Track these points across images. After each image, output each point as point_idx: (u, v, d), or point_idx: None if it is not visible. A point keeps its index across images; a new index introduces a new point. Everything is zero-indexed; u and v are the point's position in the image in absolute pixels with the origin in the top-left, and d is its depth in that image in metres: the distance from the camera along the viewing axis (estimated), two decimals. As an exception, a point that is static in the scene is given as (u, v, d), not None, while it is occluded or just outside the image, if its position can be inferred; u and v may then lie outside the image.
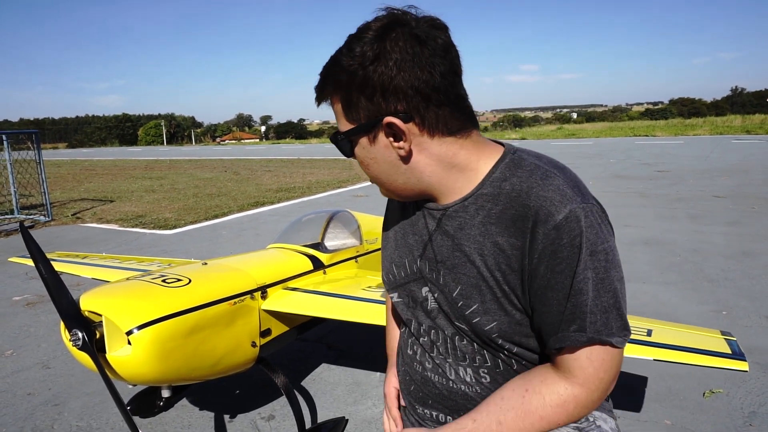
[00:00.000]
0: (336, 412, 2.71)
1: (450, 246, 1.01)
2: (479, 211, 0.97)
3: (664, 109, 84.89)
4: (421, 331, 1.11)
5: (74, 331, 1.78)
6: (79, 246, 7.09)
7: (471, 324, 1.00)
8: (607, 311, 0.90)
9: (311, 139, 59.08)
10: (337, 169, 16.91)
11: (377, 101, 0.91)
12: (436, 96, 0.91)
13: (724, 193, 8.95)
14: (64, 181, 16.94)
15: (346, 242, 3.07)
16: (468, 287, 0.98)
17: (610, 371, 0.94)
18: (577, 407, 0.95)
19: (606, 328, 0.90)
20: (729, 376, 2.86)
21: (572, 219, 0.88)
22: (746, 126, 29.94)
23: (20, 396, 3.01)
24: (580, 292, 0.89)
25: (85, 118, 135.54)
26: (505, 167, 0.97)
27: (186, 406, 2.82)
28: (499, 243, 0.94)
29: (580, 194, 0.92)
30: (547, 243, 0.90)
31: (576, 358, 0.93)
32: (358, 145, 1.00)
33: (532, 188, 0.92)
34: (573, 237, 0.88)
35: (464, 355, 1.05)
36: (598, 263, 0.89)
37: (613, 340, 0.91)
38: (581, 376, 0.93)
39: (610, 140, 26.23)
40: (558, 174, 0.94)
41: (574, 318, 0.91)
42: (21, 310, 4.52)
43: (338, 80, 0.93)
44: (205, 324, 2.03)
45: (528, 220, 0.91)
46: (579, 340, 0.91)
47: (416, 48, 0.89)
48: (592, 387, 0.93)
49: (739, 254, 5.21)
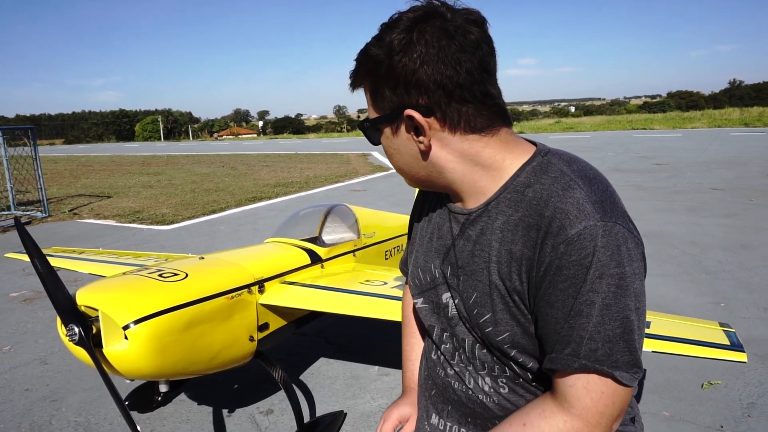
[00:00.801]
0: (334, 406, 2.71)
1: (470, 251, 0.98)
2: (499, 216, 0.93)
3: (662, 102, 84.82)
4: (444, 337, 1.08)
5: (71, 326, 1.78)
6: (77, 242, 7.07)
7: (484, 333, 0.96)
8: (612, 341, 0.83)
9: (309, 134, 59.01)
10: (335, 164, 16.89)
11: (400, 93, 0.90)
12: (459, 92, 0.88)
13: (722, 186, 8.95)
14: (60, 177, 16.90)
15: (344, 236, 3.06)
16: (482, 295, 0.95)
17: (612, 406, 0.86)
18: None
19: (608, 359, 0.83)
20: (727, 367, 2.86)
21: (585, 236, 0.82)
22: (744, 119, 29.93)
23: (18, 392, 3.01)
24: (580, 314, 0.83)
25: (82, 114, 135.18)
26: (531, 171, 0.92)
27: (184, 401, 2.82)
28: (513, 252, 0.90)
29: (601, 211, 0.85)
30: (554, 257, 0.84)
31: (572, 385, 0.87)
32: (383, 135, 0.99)
33: (551, 197, 0.87)
34: (583, 256, 0.82)
35: (483, 364, 1.02)
36: (607, 288, 0.82)
37: (617, 374, 0.83)
38: (578, 406, 0.86)
39: (608, 134, 26.22)
40: (582, 186, 0.87)
41: (569, 341, 0.85)
42: (18, 306, 4.50)
43: (368, 68, 0.93)
44: (202, 318, 2.02)
45: (540, 230, 0.87)
46: (570, 365, 0.85)
47: (443, 42, 0.86)
48: (593, 421, 0.86)
49: (737, 246, 5.21)
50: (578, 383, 0.86)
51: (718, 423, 2.40)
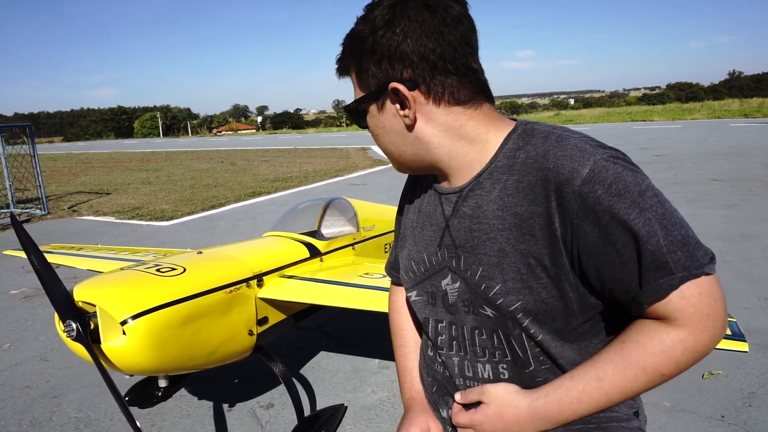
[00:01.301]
0: (335, 400, 2.70)
1: (467, 227, 0.97)
2: (495, 185, 0.94)
3: (661, 94, 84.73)
4: (439, 328, 1.07)
5: (68, 322, 1.76)
6: (76, 239, 7.06)
7: (495, 306, 0.95)
8: (684, 244, 0.83)
9: (308, 129, 58.94)
10: (334, 159, 16.86)
11: (384, 67, 0.91)
12: (442, 64, 0.90)
13: (721, 177, 8.93)
14: (60, 174, 16.87)
15: (343, 230, 3.05)
16: (489, 267, 0.94)
17: (714, 304, 0.84)
18: (685, 353, 0.85)
19: (692, 260, 0.83)
20: (728, 357, 2.86)
21: (600, 169, 0.83)
22: (744, 110, 29.86)
23: (19, 389, 3.01)
24: (649, 235, 0.82)
25: (81, 111, 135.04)
26: (517, 137, 0.94)
27: (184, 396, 2.82)
28: (519, 213, 0.90)
29: (600, 147, 0.88)
30: (580, 200, 0.84)
31: (667, 303, 0.84)
32: (369, 114, 0.99)
33: (548, 151, 0.89)
34: (608, 185, 0.82)
35: (483, 351, 1.01)
36: (651, 200, 0.83)
37: (707, 269, 0.83)
38: (681, 318, 0.84)
39: (608, 126, 26.17)
40: (573, 134, 0.91)
41: (655, 265, 0.83)
42: (18, 303, 4.50)
43: (353, 47, 0.95)
44: (200, 313, 2.01)
45: (549, 183, 0.87)
46: (672, 284, 0.82)
47: (425, 15, 0.89)
48: (700, 326, 0.84)
49: (737, 237, 5.21)
50: (674, 298, 0.84)
51: (720, 413, 2.40)
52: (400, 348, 1.27)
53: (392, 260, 1.32)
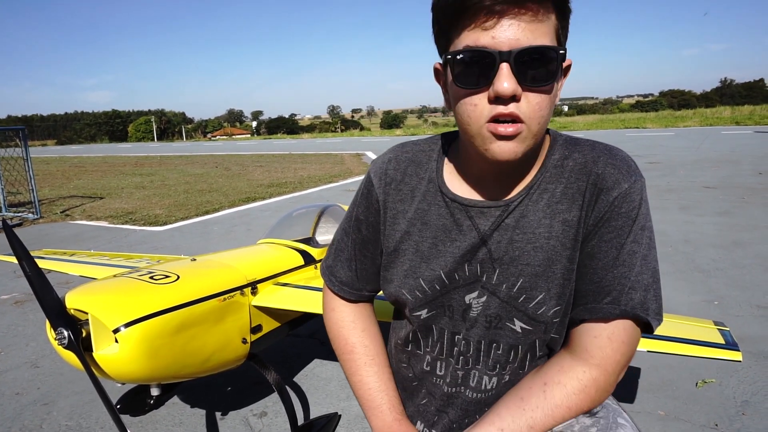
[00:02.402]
0: (329, 408, 2.69)
1: (509, 239, 0.94)
2: (543, 194, 0.94)
3: (654, 101, 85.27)
4: (455, 339, 1.03)
5: (60, 329, 1.74)
6: (69, 244, 7.01)
7: (534, 317, 0.94)
8: (646, 290, 0.88)
9: (303, 134, 58.91)
10: (328, 164, 16.86)
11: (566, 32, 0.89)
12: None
13: (714, 184, 8.99)
14: (53, 178, 16.76)
15: (338, 236, 3.04)
16: (532, 278, 0.93)
17: (627, 354, 0.91)
18: (598, 391, 0.91)
19: (641, 306, 0.88)
20: (721, 365, 2.86)
21: (635, 190, 0.89)
22: (735, 117, 30.11)
23: (8, 396, 2.97)
24: (623, 264, 0.88)
25: (74, 114, 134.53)
26: (561, 147, 0.96)
27: (177, 404, 2.79)
28: (568, 220, 0.92)
29: (639, 169, 0.93)
30: (606, 210, 0.89)
31: (596, 335, 0.90)
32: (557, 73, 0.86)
33: (599, 158, 0.92)
34: (631, 208, 0.88)
35: (495, 365, 1.00)
36: (645, 239, 0.89)
37: (650, 319, 0.88)
38: (598, 356, 0.89)
39: (601, 132, 26.31)
40: (620, 149, 0.95)
41: (610, 290, 0.88)
42: (9, 309, 4.46)
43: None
44: (194, 321, 1.99)
45: (594, 189, 0.90)
46: (612, 313, 0.88)
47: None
48: (609, 369, 0.90)
49: (729, 244, 5.23)
50: (603, 333, 0.89)
51: (713, 421, 2.40)
52: (367, 366, 1.13)
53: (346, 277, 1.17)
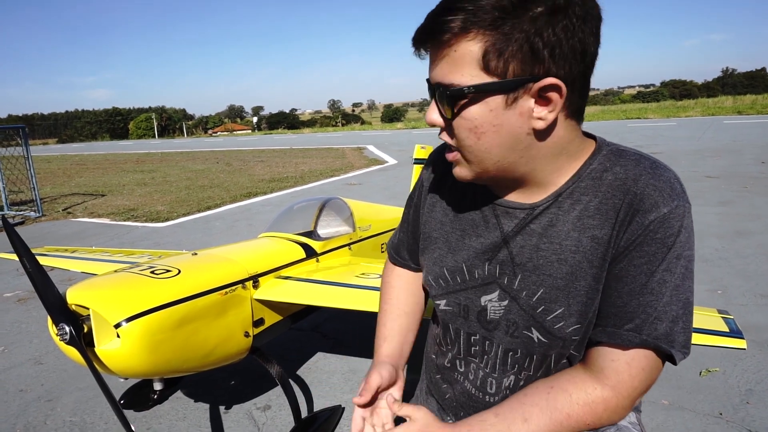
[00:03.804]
0: (332, 401, 2.69)
1: (534, 245, 0.91)
2: (575, 205, 0.88)
3: (655, 92, 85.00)
4: (472, 341, 1.02)
5: (61, 325, 1.74)
6: (71, 241, 7.02)
7: (550, 331, 0.91)
8: (674, 321, 0.84)
9: (304, 129, 58.86)
10: (330, 158, 16.84)
11: (542, 57, 0.75)
12: (590, 71, 0.81)
13: (716, 174, 8.95)
14: (54, 176, 16.78)
15: (339, 230, 3.04)
16: (553, 290, 0.90)
17: (646, 382, 0.87)
18: (607, 411, 0.87)
19: (667, 338, 0.83)
20: (725, 354, 2.86)
21: (675, 216, 0.82)
22: (737, 107, 29.97)
23: (12, 392, 2.98)
24: (651, 292, 0.83)
25: (75, 112, 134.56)
26: (604, 158, 0.90)
27: (180, 399, 2.80)
28: (598, 237, 0.86)
29: (685, 192, 0.86)
30: (639, 233, 0.83)
31: (614, 359, 0.86)
32: (482, 104, 0.79)
33: (640, 176, 0.85)
34: (668, 235, 0.82)
35: (513, 366, 0.99)
36: (680, 269, 0.83)
37: (673, 352, 0.84)
38: (614, 379, 0.86)
39: (603, 123, 26.21)
40: (668, 168, 0.88)
41: (633, 317, 0.84)
42: (12, 306, 4.47)
43: (498, 19, 0.74)
44: (195, 315, 1.99)
45: (629, 208, 0.84)
46: (632, 341, 0.84)
47: (592, 12, 0.78)
48: (624, 394, 0.86)
49: (732, 234, 5.21)
50: (622, 358, 0.86)
51: (717, 410, 2.40)
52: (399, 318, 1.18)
53: (396, 243, 1.25)
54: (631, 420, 1.00)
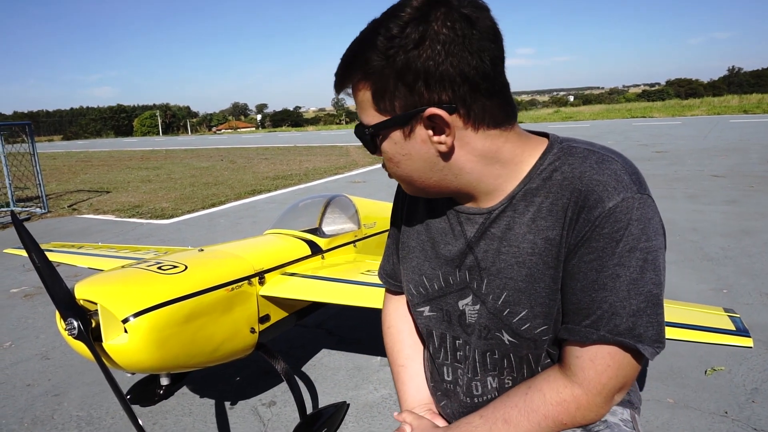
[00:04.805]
0: (337, 397, 2.70)
1: (496, 249, 0.92)
2: (528, 207, 0.89)
3: (661, 91, 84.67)
4: (456, 344, 1.04)
5: (69, 320, 1.76)
6: (76, 237, 7.05)
7: (517, 332, 0.93)
8: (636, 315, 0.82)
9: (308, 127, 58.92)
10: (334, 156, 16.85)
11: (419, 90, 0.81)
12: (485, 85, 0.81)
13: (722, 173, 8.92)
14: (59, 173, 16.84)
15: (344, 227, 3.04)
16: (515, 292, 0.91)
17: (616, 379, 0.86)
18: (580, 409, 0.87)
19: (631, 332, 0.83)
20: (731, 353, 2.85)
21: (622, 209, 0.81)
22: (743, 106, 29.81)
23: (20, 387, 3.00)
24: (603, 288, 0.83)
25: (80, 109, 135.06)
26: (553, 157, 0.89)
27: (186, 394, 2.81)
28: (551, 238, 0.87)
29: (637, 182, 0.84)
30: (586, 230, 0.83)
31: (578, 356, 0.87)
32: (388, 140, 0.88)
33: (585, 172, 0.85)
34: (616, 229, 0.81)
35: (494, 367, 1.00)
36: (636, 261, 0.81)
37: (640, 347, 0.83)
38: (581, 377, 0.87)
39: (608, 122, 26.14)
40: (616, 159, 0.86)
41: (588, 313, 0.84)
42: (19, 302, 4.49)
43: (371, 65, 0.82)
44: (202, 310, 2.00)
45: (576, 206, 0.84)
46: (589, 337, 0.85)
47: (466, 30, 0.78)
48: (593, 391, 0.86)
49: (738, 232, 5.19)
50: (585, 355, 0.86)
51: (722, 409, 2.39)
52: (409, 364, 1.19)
53: (389, 269, 1.26)
54: (623, 417, 0.99)
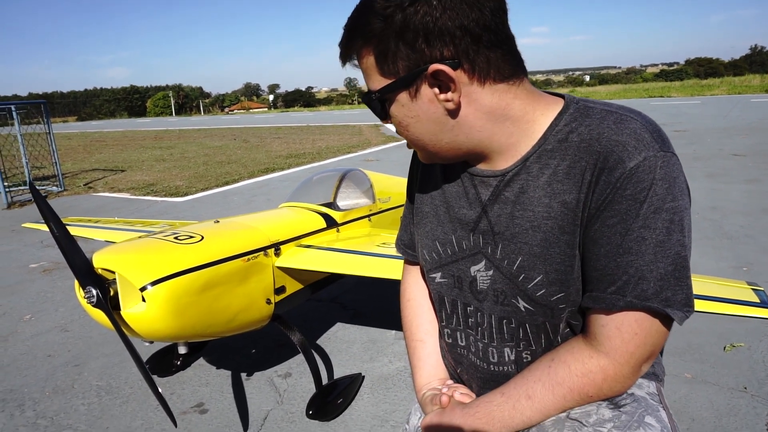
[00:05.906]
0: (352, 369, 2.71)
1: (509, 213, 0.90)
2: (543, 170, 0.86)
3: (679, 70, 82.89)
4: (468, 311, 1.02)
5: (88, 288, 1.77)
6: (92, 214, 7.13)
7: (533, 298, 0.90)
8: (664, 279, 0.79)
9: (320, 107, 58.71)
10: (347, 135, 16.79)
11: (420, 47, 0.80)
12: (487, 36, 0.80)
13: (743, 152, 8.74)
14: (75, 152, 17.00)
15: (359, 201, 3.02)
16: (530, 257, 0.88)
17: (645, 347, 0.83)
18: (606, 380, 0.85)
19: (658, 296, 0.79)
20: (750, 329, 2.81)
21: (644, 169, 0.77)
22: (765, 85, 29.13)
23: (41, 358, 3.05)
24: (629, 252, 0.79)
25: (94, 90, 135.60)
26: (570, 118, 0.86)
27: (203, 365, 2.84)
28: (568, 202, 0.84)
29: (660, 140, 0.80)
30: (608, 192, 0.79)
31: (604, 324, 0.83)
32: (395, 103, 0.87)
33: (603, 133, 0.81)
34: (639, 190, 0.77)
35: (511, 336, 0.97)
36: (662, 222, 0.78)
37: (669, 311, 0.79)
38: (607, 345, 0.83)
39: (625, 102, 25.68)
40: (635, 117, 0.83)
41: (614, 279, 0.81)
42: (38, 276, 4.56)
43: (370, 29, 0.82)
44: (219, 280, 2.00)
45: (595, 168, 0.81)
46: (615, 304, 0.81)
47: None
48: (621, 360, 0.83)
49: (758, 211, 5.10)
50: (611, 323, 0.83)
51: (742, 384, 2.37)
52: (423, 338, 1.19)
53: (406, 239, 1.24)
54: (650, 390, 0.96)
